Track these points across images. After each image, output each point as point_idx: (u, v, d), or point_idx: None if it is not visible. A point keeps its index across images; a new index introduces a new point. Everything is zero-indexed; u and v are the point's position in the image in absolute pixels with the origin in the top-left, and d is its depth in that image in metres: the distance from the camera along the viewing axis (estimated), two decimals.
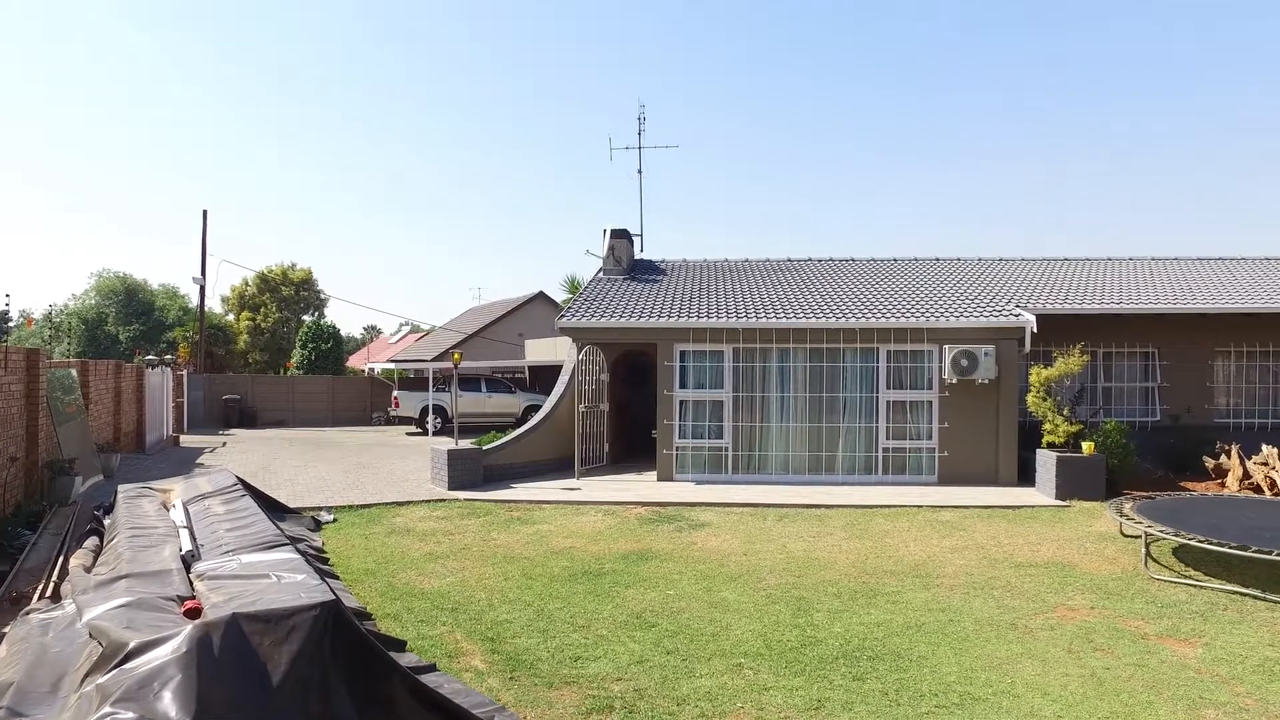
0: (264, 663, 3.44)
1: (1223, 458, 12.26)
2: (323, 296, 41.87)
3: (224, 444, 20.03)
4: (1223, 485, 11.87)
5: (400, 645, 5.23)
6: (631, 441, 16.49)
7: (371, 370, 30.45)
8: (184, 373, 24.96)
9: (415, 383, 25.88)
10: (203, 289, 28.39)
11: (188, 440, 20.71)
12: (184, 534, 6.45)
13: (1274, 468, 11.53)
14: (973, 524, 9.77)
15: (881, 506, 10.81)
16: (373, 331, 73.88)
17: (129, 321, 42.36)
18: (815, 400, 12.98)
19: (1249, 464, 11.83)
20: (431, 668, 4.89)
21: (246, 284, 39.77)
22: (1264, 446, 11.94)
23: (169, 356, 26.96)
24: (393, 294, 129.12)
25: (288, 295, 39.88)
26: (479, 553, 8.30)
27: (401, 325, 51.65)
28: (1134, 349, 14.30)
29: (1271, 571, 7.13)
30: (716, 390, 13.12)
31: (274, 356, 38.52)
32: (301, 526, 9.07)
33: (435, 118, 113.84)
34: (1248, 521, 7.99)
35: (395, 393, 24.40)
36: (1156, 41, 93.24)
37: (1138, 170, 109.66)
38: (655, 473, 13.17)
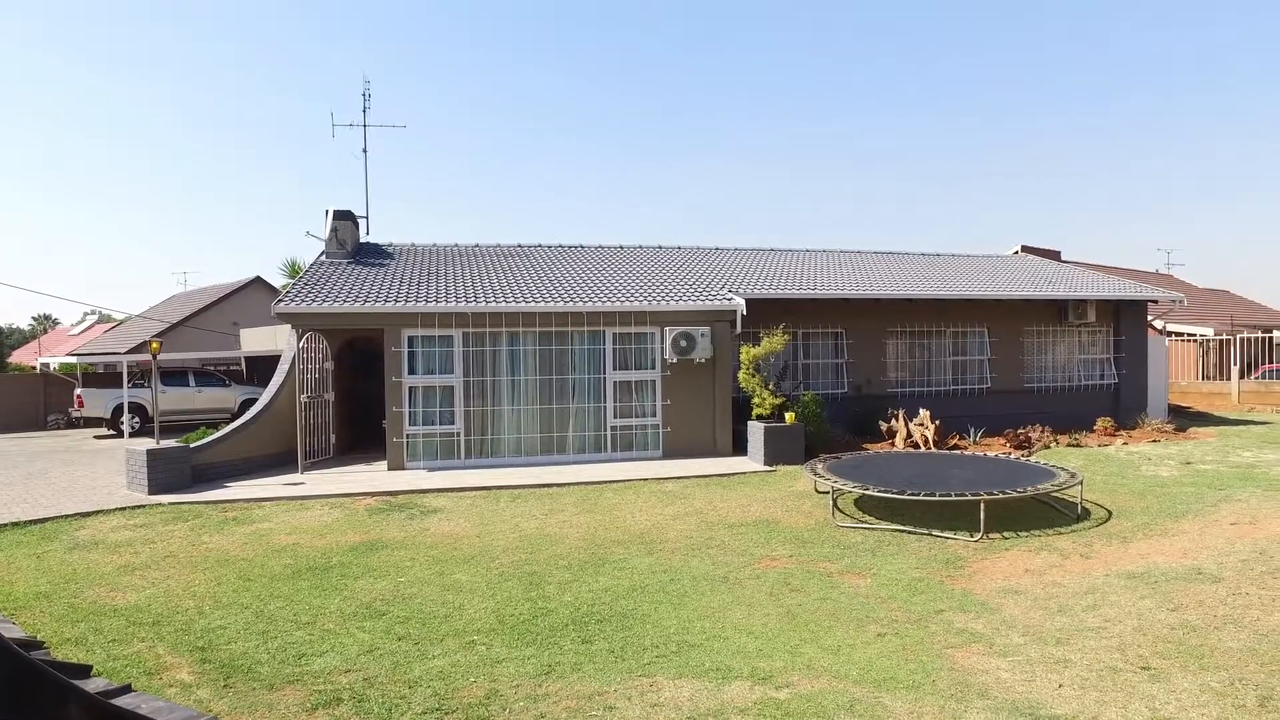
0: None
1: (893, 421, 14.43)
2: None
3: None
4: (893, 444, 13.98)
5: (85, 670, 4.60)
6: (362, 431, 15.78)
7: (46, 366, 25.99)
8: None
9: (106, 379, 22.61)
10: None
11: None
12: None
13: (928, 427, 13.82)
14: (693, 492, 10.62)
15: (611, 482, 11.36)
16: (47, 322, 63.14)
17: None
18: (546, 383, 13.27)
19: (911, 425, 14.08)
20: (126, 689, 4.34)
21: None
22: (921, 410, 14.29)
23: None
24: (76, 279, 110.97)
25: None
26: (187, 559, 7.53)
27: (86, 314, 44.53)
28: (827, 330, 16.28)
29: (922, 510, 8.76)
30: (447, 375, 12.92)
31: None
32: None
33: (113, 76, 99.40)
34: (909, 472, 9.58)
35: (79, 391, 21.08)
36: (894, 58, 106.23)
37: (853, 174, 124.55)
38: (386, 462, 12.73)
